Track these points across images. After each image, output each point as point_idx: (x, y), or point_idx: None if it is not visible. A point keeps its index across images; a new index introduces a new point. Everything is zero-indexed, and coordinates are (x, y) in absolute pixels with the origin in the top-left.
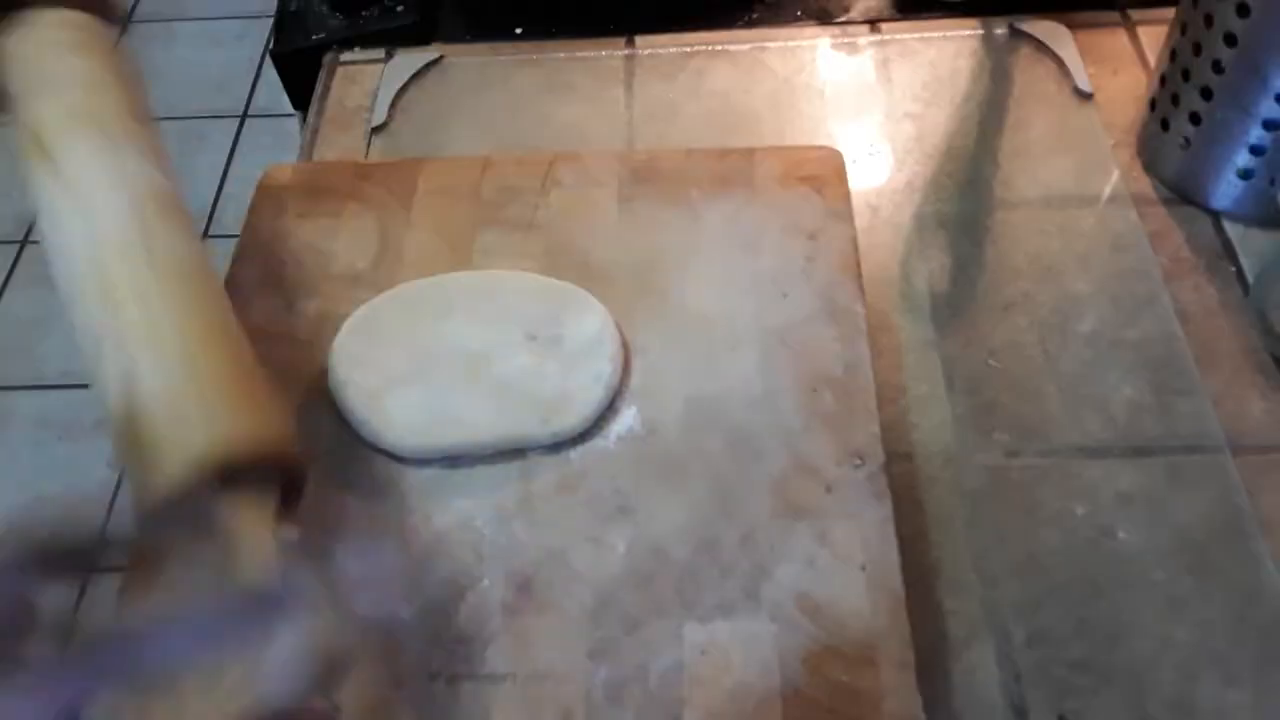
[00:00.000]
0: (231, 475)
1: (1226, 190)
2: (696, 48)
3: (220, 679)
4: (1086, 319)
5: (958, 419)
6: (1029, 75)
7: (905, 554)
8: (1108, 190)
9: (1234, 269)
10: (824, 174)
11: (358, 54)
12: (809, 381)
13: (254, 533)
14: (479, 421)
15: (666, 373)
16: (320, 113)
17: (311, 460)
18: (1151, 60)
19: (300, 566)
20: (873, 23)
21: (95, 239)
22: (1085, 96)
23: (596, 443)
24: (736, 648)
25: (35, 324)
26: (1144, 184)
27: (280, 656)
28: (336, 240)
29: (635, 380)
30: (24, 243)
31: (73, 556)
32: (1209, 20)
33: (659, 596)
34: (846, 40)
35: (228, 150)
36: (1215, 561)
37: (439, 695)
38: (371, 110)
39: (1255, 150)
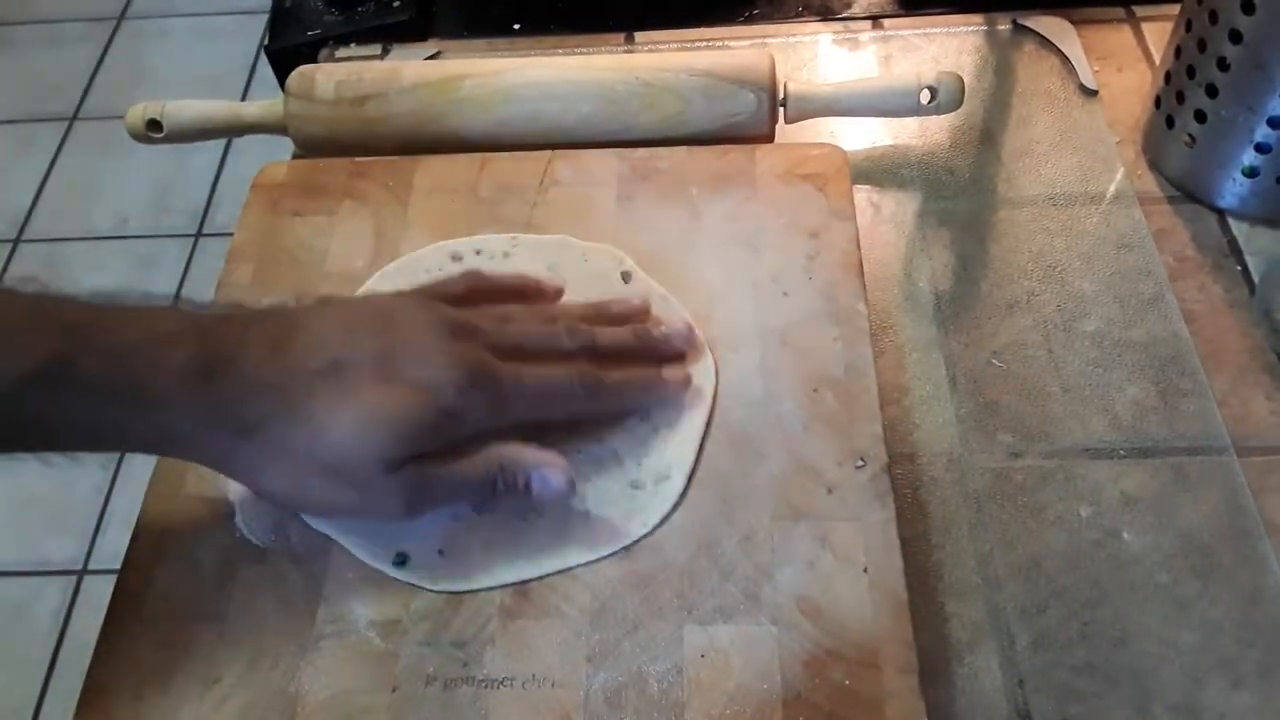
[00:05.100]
0: None
1: (1232, 188)
2: (696, 43)
3: (213, 685)
4: (1091, 318)
5: (961, 420)
6: (1033, 72)
7: (908, 556)
8: (1112, 188)
9: (1240, 268)
10: (826, 171)
11: (354, 50)
12: (810, 381)
13: None
14: None
15: None
16: None
17: None
18: (1157, 57)
19: None
20: (875, 18)
21: None
22: (1090, 93)
23: None
24: (737, 651)
25: None
26: (1149, 182)
27: None
28: (332, 238)
29: None
30: (16, 242)
31: None
32: (1214, 17)
33: (658, 599)
34: (848, 36)
35: (222, 147)
36: (1221, 564)
37: (435, 699)
38: None
39: (1261, 148)
